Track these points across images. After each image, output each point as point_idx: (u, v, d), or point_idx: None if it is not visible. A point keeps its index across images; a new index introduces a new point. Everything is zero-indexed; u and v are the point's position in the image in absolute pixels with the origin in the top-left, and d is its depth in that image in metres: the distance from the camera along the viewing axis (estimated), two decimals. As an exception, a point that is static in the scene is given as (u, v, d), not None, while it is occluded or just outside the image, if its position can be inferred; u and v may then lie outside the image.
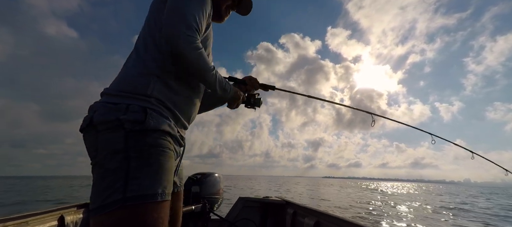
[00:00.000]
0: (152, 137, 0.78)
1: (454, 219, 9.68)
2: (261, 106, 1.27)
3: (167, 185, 0.79)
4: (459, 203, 16.82)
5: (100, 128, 0.76)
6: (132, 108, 0.77)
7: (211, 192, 2.42)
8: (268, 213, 2.66)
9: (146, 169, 0.74)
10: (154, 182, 0.75)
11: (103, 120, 0.75)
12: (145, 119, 0.77)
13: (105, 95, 0.84)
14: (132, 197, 0.70)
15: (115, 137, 0.74)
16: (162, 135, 0.81)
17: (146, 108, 0.79)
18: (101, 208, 0.70)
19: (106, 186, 0.71)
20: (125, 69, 0.89)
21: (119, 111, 0.76)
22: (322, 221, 1.88)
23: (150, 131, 0.77)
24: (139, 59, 0.88)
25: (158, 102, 0.84)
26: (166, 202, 0.78)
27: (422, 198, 21.71)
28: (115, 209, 0.69)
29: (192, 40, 0.82)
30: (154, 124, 0.78)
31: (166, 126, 0.83)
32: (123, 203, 0.69)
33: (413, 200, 18.83)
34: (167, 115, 0.86)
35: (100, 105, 0.79)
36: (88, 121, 0.78)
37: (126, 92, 0.81)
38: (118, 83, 0.85)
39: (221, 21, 1.18)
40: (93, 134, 0.77)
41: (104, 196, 0.70)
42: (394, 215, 10.09)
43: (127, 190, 0.71)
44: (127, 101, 0.79)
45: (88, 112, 0.81)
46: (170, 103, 0.88)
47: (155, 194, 0.74)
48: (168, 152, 0.82)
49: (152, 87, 0.84)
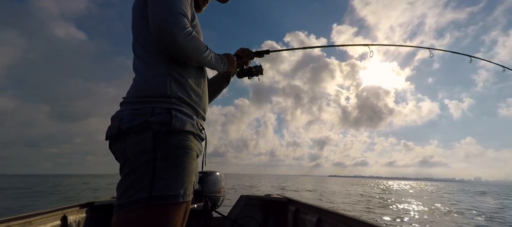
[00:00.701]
0: (177, 138, 0.81)
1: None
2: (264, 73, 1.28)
3: (189, 187, 0.82)
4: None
5: (129, 133, 0.79)
6: (157, 110, 0.80)
7: (213, 190, 2.42)
8: (270, 210, 2.67)
9: (172, 170, 0.78)
10: (177, 183, 0.78)
11: (131, 126, 0.78)
12: (171, 121, 0.80)
13: (125, 104, 0.86)
14: (157, 196, 0.74)
15: (144, 138, 0.78)
16: (187, 135, 0.84)
17: (170, 109, 0.82)
18: (127, 204, 0.73)
19: (132, 184, 0.74)
20: (138, 76, 0.90)
21: (146, 115, 0.79)
22: (324, 218, 1.88)
23: (175, 132, 0.81)
24: (147, 63, 0.89)
25: (179, 100, 0.87)
26: (187, 203, 0.83)
27: (442, 197, 20.79)
28: (140, 207, 0.72)
29: (183, 26, 0.81)
30: (179, 125, 0.82)
31: (189, 125, 0.85)
32: (148, 201, 0.72)
33: (432, 199, 17.91)
34: (189, 112, 0.89)
35: (126, 113, 0.82)
36: (117, 130, 0.80)
37: (147, 97, 0.83)
38: (135, 90, 0.87)
39: (199, 11, 1.17)
40: (122, 141, 0.80)
41: (130, 194, 0.74)
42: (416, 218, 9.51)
43: (153, 189, 0.74)
44: (151, 105, 0.81)
45: (112, 121, 0.84)
46: (188, 98, 0.90)
47: (178, 195, 0.77)
48: (191, 153, 0.85)
49: (169, 86, 0.85)
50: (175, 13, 0.81)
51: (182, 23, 0.81)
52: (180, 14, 0.82)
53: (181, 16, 0.82)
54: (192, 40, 0.83)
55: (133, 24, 0.95)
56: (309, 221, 1.97)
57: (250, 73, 1.26)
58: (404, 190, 27.12)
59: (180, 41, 0.80)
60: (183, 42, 0.80)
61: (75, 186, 25.40)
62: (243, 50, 1.25)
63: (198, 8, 1.15)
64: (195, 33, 0.86)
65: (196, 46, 0.86)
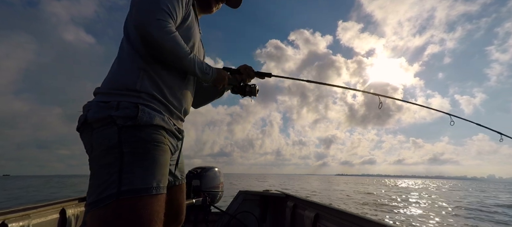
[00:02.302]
0: (145, 132, 0.79)
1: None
2: (258, 95, 1.25)
3: (162, 179, 0.80)
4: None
5: (94, 126, 0.78)
6: (123, 104, 0.78)
7: (211, 185, 2.44)
8: (268, 206, 2.68)
9: (140, 163, 0.76)
10: (148, 176, 0.76)
11: (96, 118, 0.77)
12: (137, 115, 0.77)
13: (97, 94, 0.84)
14: (126, 191, 0.71)
15: (108, 133, 0.76)
16: (156, 129, 0.82)
17: (137, 103, 0.80)
18: (96, 202, 0.71)
19: (101, 181, 0.73)
20: (113, 67, 0.89)
21: (111, 109, 0.77)
22: (321, 213, 1.89)
23: (142, 126, 0.78)
24: (124, 56, 0.87)
25: (149, 96, 0.84)
26: (161, 196, 0.79)
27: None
28: (110, 203, 0.70)
29: (163, 24, 0.79)
30: (146, 119, 0.79)
31: (159, 120, 0.83)
32: (118, 197, 0.71)
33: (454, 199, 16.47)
34: (160, 109, 0.86)
35: (93, 104, 0.81)
36: (83, 120, 0.79)
37: (116, 89, 0.82)
38: (108, 81, 0.85)
39: (210, 12, 1.15)
40: (88, 132, 0.79)
41: (99, 191, 0.72)
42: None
43: (122, 184, 0.72)
44: (117, 98, 0.80)
45: (82, 111, 0.83)
46: (162, 96, 0.88)
47: (150, 188, 0.75)
48: (162, 146, 0.82)
49: (140, 81, 0.83)
50: (157, 9, 0.79)
51: (163, 21, 0.79)
52: (163, 11, 0.80)
53: (164, 13, 0.80)
54: (171, 40, 0.81)
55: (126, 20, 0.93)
56: (307, 216, 1.98)
57: (243, 91, 1.22)
58: (419, 189, 25.54)
59: (155, 38, 0.78)
60: (159, 39, 0.78)
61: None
62: (246, 67, 1.22)
63: (210, 8, 1.13)
64: (176, 34, 0.83)
65: (173, 46, 0.82)
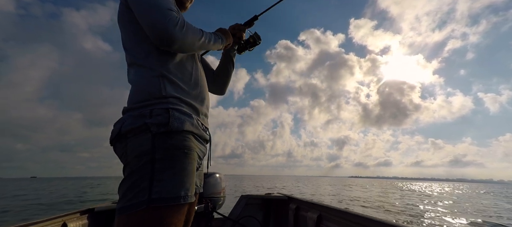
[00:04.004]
0: (176, 138, 0.80)
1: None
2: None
3: (190, 188, 0.81)
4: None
5: (129, 135, 0.79)
6: (156, 111, 0.80)
7: (213, 191, 2.42)
8: (271, 209, 2.67)
9: (170, 171, 0.77)
10: (177, 185, 0.77)
11: (131, 128, 0.78)
12: (169, 121, 0.79)
13: (126, 111, 0.86)
14: (156, 199, 0.72)
15: (142, 140, 0.77)
16: (186, 135, 0.83)
17: (168, 109, 0.81)
18: (127, 208, 0.72)
19: (132, 187, 0.74)
20: (132, 83, 0.90)
21: (145, 117, 0.79)
22: (324, 214, 1.89)
23: (174, 132, 0.80)
24: (136, 71, 0.89)
25: (176, 99, 0.86)
26: (188, 205, 0.81)
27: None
28: (140, 211, 0.71)
29: (175, 20, 0.81)
30: (177, 125, 0.81)
31: (189, 125, 0.85)
32: (148, 204, 0.72)
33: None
34: (189, 111, 0.89)
35: (126, 117, 0.82)
36: (117, 132, 0.81)
37: (144, 100, 0.83)
38: (132, 97, 0.87)
39: (185, 10, 1.16)
40: (123, 142, 0.80)
41: (129, 196, 0.73)
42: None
43: (152, 192, 0.73)
44: (149, 108, 0.81)
45: (114, 126, 0.84)
46: (186, 96, 0.90)
47: (178, 197, 0.76)
48: (191, 154, 0.83)
49: (163, 87, 0.85)
50: (164, 10, 0.81)
51: (173, 18, 0.81)
52: (169, 10, 0.82)
53: (170, 11, 0.82)
54: (188, 30, 0.84)
55: (122, 37, 0.94)
56: (310, 218, 1.98)
57: (248, 44, 1.25)
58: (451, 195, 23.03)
59: (178, 36, 0.80)
60: (181, 35, 0.81)
61: (109, 186, 28.68)
62: (232, 27, 1.23)
63: (183, 6, 1.14)
64: (188, 24, 0.86)
65: (193, 35, 0.86)
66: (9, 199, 15.10)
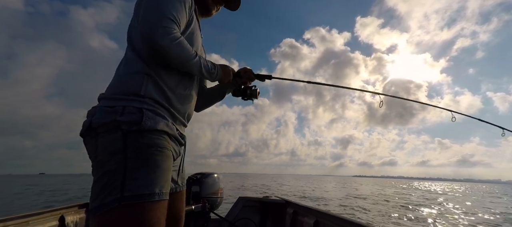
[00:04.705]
0: (149, 137, 0.79)
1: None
2: (259, 97, 1.25)
3: (165, 185, 0.80)
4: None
5: (99, 130, 0.78)
6: (128, 109, 0.79)
7: (210, 192, 2.42)
8: (268, 212, 2.67)
9: (143, 169, 0.76)
10: (151, 182, 0.76)
11: (101, 123, 0.77)
12: (141, 120, 0.78)
13: (101, 99, 0.85)
14: (129, 196, 0.72)
15: (113, 138, 0.76)
16: (159, 134, 0.82)
17: (142, 108, 0.81)
18: (99, 207, 0.71)
19: (104, 186, 0.73)
20: (118, 72, 0.90)
21: (116, 113, 0.78)
22: (321, 220, 1.88)
23: (146, 131, 0.79)
24: (128, 62, 0.89)
25: (154, 101, 0.85)
26: (163, 202, 0.79)
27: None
28: (113, 208, 0.70)
29: (169, 31, 0.81)
30: (150, 124, 0.80)
31: (163, 125, 0.84)
32: (120, 202, 0.71)
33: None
34: (164, 114, 0.87)
35: (98, 109, 0.81)
36: (87, 125, 0.80)
37: (121, 94, 0.82)
38: (112, 87, 0.86)
39: (209, 16, 1.17)
40: (93, 137, 0.79)
41: (102, 196, 0.72)
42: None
43: (125, 189, 0.72)
44: (123, 103, 0.80)
45: (87, 117, 0.83)
46: (166, 101, 0.89)
47: (152, 194, 0.75)
48: (165, 152, 0.83)
49: (144, 86, 0.84)
50: (163, 17, 0.81)
51: (168, 28, 0.81)
52: (168, 19, 0.82)
53: (169, 21, 0.82)
54: (177, 46, 0.83)
55: (130, 23, 0.95)
56: (307, 223, 1.97)
57: (245, 94, 1.24)
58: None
59: (163, 46, 0.80)
60: (166, 46, 0.80)
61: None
62: (245, 70, 1.23)
63: (208, 12, 1.15)
64: (182, 39, 0.85)
65: (181, 53, 0.85)
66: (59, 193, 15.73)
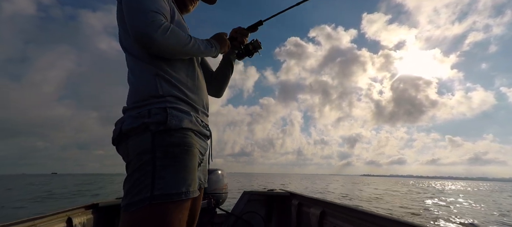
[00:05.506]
0: (175, 136, 0.81)
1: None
2: (261, 53, 1.23)
3: (192, 183, 0.82)
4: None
5: (130, 134, 0.81)
6: (153, 111, 0.81)
7: (215, 188, 2.44)
8: (273, 205, 2.68)
9: (172, 168, 0.78)
10: (178, 181, 0.78)
11: (131, 128, 0.80)
12: (166, 119, 0.80)
13: (125, 111, 0.87)
14: (159, 195, 0.74)
15: (142, 139, 0.79)
16: (185, 132, 0.84)
17: (165, 108, 0.82)
18: (130, 205, 0.74)
19: (134, 185, 0.76)
20: (129, 82, 0.91)
21: (144, 117, 0.80)
22: (327, 210, 1.90)
23: (173, 130, 0.81)
24: (133, 70, 0.89)
25: (174, 98, 0.86)
26: (190, 201, 0.82)
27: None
28: (142, 207, 0.73)
29: (158, 23, 0.79)
30: (175, 122, 0.82)
31: (188, 122, 0.86)
32: (151, 201, 0.73)
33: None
34: (187, 109, 0.89)
35: (126, 117, 0.84)
36: (118, 132, 0.83)
37: (142, 100, 0.84)
38: (131, 97, 0.88)
39: (187, 11, 1.14)
40: (124, 142, 0.83)
41: (132, 194, 0.75)
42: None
43: (154, 188, 0.74)
44: (147, 107, 0.82)
45: (115, 125, 0.86)
46: (183, 95, 0.90)
47: (181, 193, 0.78)
48: (192, 150, 0.85)
49: (160, 86, 0.85)
50: (147, 12, 0.79)
51: (156, 21, 0.79)
52: (153, 12, 0.80)
53: (155, 13, 0.80)
54: (172, 35, 0.81)
55: (119, 35, 0.94)
56: (313, 214, 1.99)
57: (248, 51, 1.21)
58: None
59: (158, 39, 0.78)
60: (162, 39, 0.78)
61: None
62: (236, 30, 1.20)
63: (186, 8, 1.12)
64: (174, 27, 0.83)
65: (177, 40, 0.83)
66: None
